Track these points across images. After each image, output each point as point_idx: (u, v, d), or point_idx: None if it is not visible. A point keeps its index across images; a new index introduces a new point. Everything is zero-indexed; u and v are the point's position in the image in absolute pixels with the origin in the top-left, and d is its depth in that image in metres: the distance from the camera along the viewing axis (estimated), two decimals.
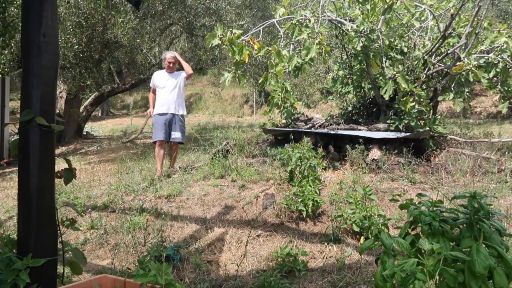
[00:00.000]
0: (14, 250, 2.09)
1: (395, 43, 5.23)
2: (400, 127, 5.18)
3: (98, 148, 10.18)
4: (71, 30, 8.08)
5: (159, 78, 5.62)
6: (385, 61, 5.16)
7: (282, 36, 5.06)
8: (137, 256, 3.36)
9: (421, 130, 5.11)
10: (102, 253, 3.53)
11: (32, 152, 2.03)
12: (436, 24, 5.50)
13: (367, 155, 5.00)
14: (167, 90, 5.51)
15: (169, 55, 5.66)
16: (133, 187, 4.93)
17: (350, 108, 6.41)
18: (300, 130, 5.70)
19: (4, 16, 7.05)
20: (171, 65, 5.60)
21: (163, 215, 4.09)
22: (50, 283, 2.05)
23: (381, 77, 5.22)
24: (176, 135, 5.49)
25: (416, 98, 5.02)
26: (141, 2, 2.98)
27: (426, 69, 5.37)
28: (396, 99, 5.27)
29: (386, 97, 5.02)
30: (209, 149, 6.40)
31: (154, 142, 5.54)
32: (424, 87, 5.42)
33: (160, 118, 5.45)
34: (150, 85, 5.76)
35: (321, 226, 3.75)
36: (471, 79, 5.02)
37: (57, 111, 9.97)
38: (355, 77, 6.03)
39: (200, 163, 5.93)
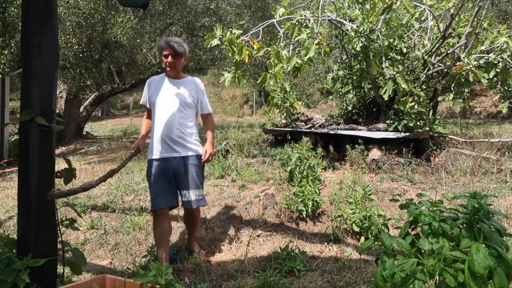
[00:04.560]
0: (14, 250, 2.09)
1: (395, 44, 5.23)
2: (400, 127, 5.18)
3: (98, 148, 10.17)
4: (71, 30, 8.08)
5: (154, 88, 3.09)
6: (385, 62, 5.16)
7: (282, 36, 5.06)
8: (137, 256, 3.36)
9: (421, 130, 5.11)
10: (102, 253, 3.53)
11: (32, 152, 2.03)
12: (436, 24, 5.50)
13: (367, 155, 5.00)
14: (166, 110, 3.00)
15: (167, 42, 2.97)
16: (133, 187, 4.93)
17: (350, 108, 6.41)
18: (300, 130, 5.70)
19: (4, 16, 7.06)
20: (168, 60, 2.97)
21: None
22: (50, 283, 2.06)
23: (381, 77, 5.23)
24: (190, 195, 3.00)
25: (416, 98, 5.02)
26: (148, 3, 2.91)
27: (426, 69, 5.37)
28: (396, 99, 5.28)
29: (386, 97, 5.03)
30: None
31: (155, 211, 3.04)
32: (424, 87, 5.42)
33: (157, 166, 2.99)
34: (141, 102, 3.24)
35: (321, 226, 3.75)
36: (471, 79, 5.02)
37: (57, 111, 9.96)
38: (355, 77, 6.03)
39: None
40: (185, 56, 3.05)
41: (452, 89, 5.39)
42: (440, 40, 5.20)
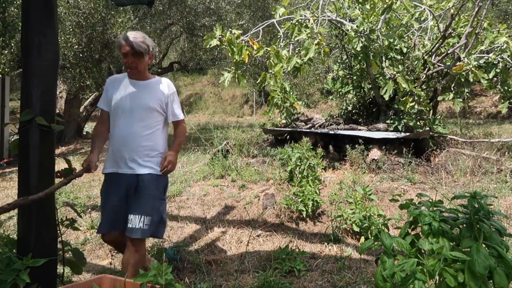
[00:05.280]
0: (14, 250, 2.09)
1: (395, 43, 5.23)
2: (400, 127, 5.19)
3: None
4: (71, 30, 8.08)
5: (113, 90, 2.54)
6: (385, 61, 5.16)
7: (282, 36, 5.06)
8: None
9: (421, 130, 5.11)
10: (102, 253, 3.53)
11: (32, 152, 2.03)
12: (436, 24, 5.50)
13: (367, 155, 5.00)
14: (124, 118, 2.48)
15: (125, 39, 2.43)
16: None
17: (350, 108, 6.41)
18: (300, 130, 5.70)
19: (4, 16, 7.07)
20: (128, 60, 2.45)
21: None
22: (50, 283, 2.06)
23: (381, 77, 5.23)
24: (134, 222, 2.34)
25: (416, 98, 5.03)
26: (154, 0, 2.87)
27: (426, 69, 5.37)
28: (396, 99, 5.28)
29: (386, 97, 5.03)
30: (209, 149, 6.40)
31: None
32: (424, 87, 5.42)
33: (109, 183, 2.51)
34: (98, 105, 2.67)
35: (321, 226, 3.75)
36: (471, 79, 5.02)
37: (57, 111, 9.95)
38: (355, 77, 6.03)
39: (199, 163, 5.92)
40: (149, 54, 2.49)
41: (452, 89, 5.39)
42: (440, 40, 5.19)
